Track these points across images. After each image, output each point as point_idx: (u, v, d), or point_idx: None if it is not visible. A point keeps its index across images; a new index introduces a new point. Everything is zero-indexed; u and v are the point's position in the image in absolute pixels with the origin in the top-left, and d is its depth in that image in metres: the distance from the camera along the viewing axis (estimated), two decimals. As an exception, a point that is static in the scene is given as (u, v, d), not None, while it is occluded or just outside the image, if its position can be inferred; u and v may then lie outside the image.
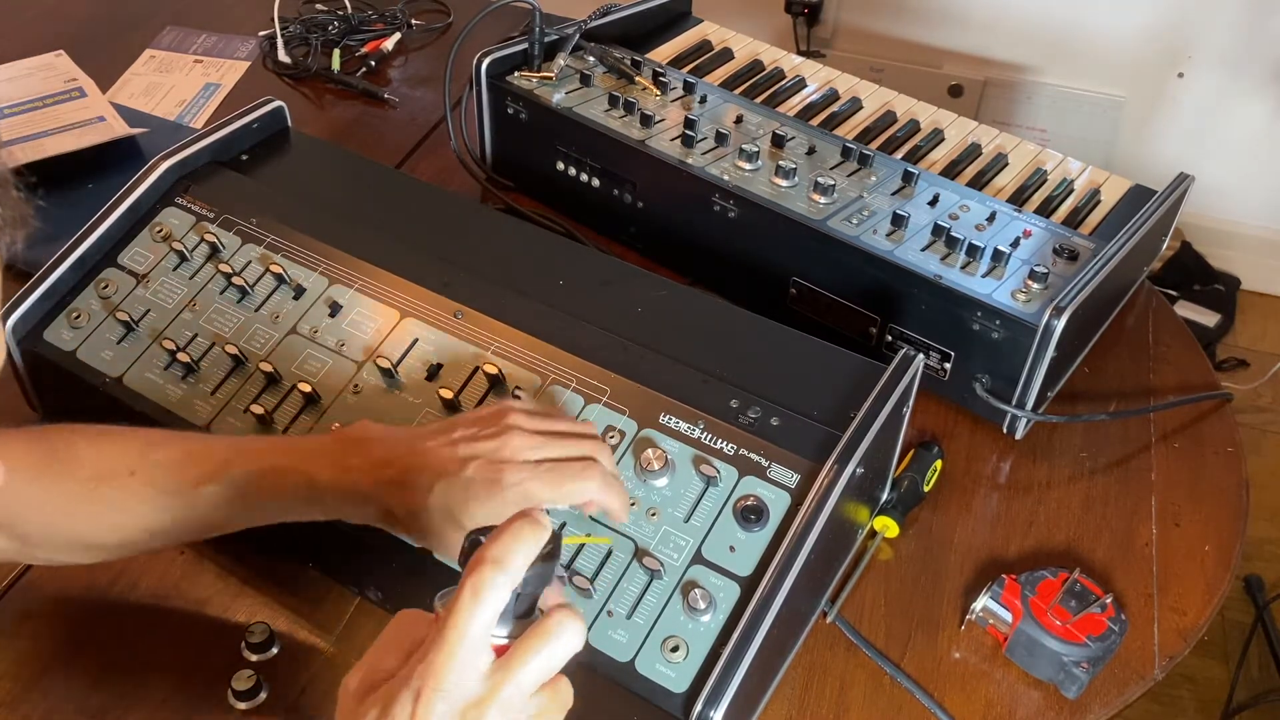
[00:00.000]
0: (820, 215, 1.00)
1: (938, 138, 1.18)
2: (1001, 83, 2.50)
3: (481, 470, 0.69)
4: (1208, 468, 0.98)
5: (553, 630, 0.53)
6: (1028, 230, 1.01)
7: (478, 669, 0.51)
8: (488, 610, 0.51)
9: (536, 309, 0.84)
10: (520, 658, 0.52)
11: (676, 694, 0.68)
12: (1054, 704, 0.80)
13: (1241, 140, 2.43)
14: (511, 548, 0.52)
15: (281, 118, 1.02)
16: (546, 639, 0.53)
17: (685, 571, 0.72)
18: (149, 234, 0.92)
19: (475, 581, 0.51)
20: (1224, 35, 2.33)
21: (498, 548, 0.52)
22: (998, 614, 0.82)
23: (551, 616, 0.53)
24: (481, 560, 0.52)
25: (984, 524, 0.92)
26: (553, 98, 1.13)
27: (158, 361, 0.86)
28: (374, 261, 0.88)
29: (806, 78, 1.25)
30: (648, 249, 1.14)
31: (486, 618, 0.51)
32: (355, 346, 0.84)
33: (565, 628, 0.53)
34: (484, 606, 0.51)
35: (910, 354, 0.80)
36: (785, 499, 0.74)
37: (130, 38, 1.50)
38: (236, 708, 0.76)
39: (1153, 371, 1.08)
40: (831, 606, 0.84)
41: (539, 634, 0.53)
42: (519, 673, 0.52)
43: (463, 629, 0.51)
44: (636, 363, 0.81)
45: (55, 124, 1.22)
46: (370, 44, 1.47)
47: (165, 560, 0.84)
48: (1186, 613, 0.86)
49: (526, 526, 0.53)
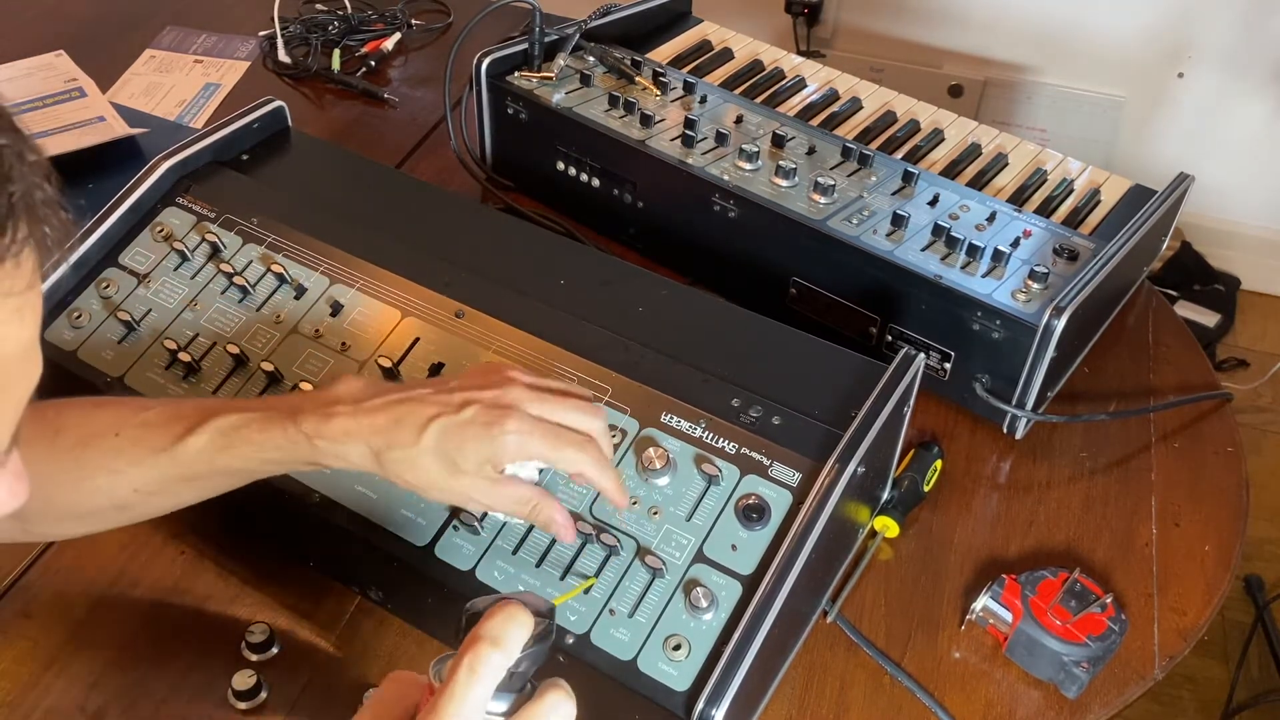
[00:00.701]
0: (820, 215, 1.00)
1: (938, 138, 1.18)
2: (1001, 83, 2.50)
3: (480, 413, 0.67)
4: (1208, 468, 0.99)
5: (546, 712, 0.54)
6: (1028, 230, 1.02)
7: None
8: (483, 688, 0.52)
9: (537, 308, 0.84)
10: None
11: (678, 692, 0.68)
12: (1054, 704, 0.80)
13: (1241, 140, 2.43)
14: (508, 627, 0.53)
15: (282, 118, 1.02)
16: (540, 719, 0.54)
17: (687, 570, 0.72)
18: (150, 234, 0.92)
19: (472, 659, 0.52)
20: (1224, 35, 2.33)
21: (494, 627, 0.53)
22: (998, 614, 0.82)
23: (545, 697, 0.54)
24: (479, 638, 0.52)
25: (984, 524, 0.92)
26: (553, 98, 1.13)
27: (159, 361, 0.86)
28: (375, 261, 0.88)
29: (806, 78, 1.25)
30: (648, 249, 1.14)
31: (482, 695, 0.52)
32: (357, 346, 0.84)
33: (558, 709, 0.54)
34: (480, 684, 0.52)
35: (911, 354, 0.80)
36: (787, 498, 0.74)
37: (130, 38, 1.50)
38: (236, 708, 0.76)
39: (1153, 371, 1.08)
40: (832, 606, 0.84)
41: (532, 714, 0.54)
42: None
43: (458, 706, 0.51)
44: (637, 362, 0.81)
45: (55, 124, 1.22)
46: (370, 44, 1.47)
47: (165, 560, 0.84)
48: (1186, 613, 0.86)
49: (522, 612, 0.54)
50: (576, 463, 0.69)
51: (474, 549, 0.75)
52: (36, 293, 0.46)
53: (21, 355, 0.46)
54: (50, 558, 0.84)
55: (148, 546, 0.85)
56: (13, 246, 0.42)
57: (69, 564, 0.84)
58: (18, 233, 0.42)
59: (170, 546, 0.85)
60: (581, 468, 0.69)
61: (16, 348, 0.45)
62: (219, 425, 0.71)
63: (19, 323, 0.45)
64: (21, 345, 0.46)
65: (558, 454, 0.68)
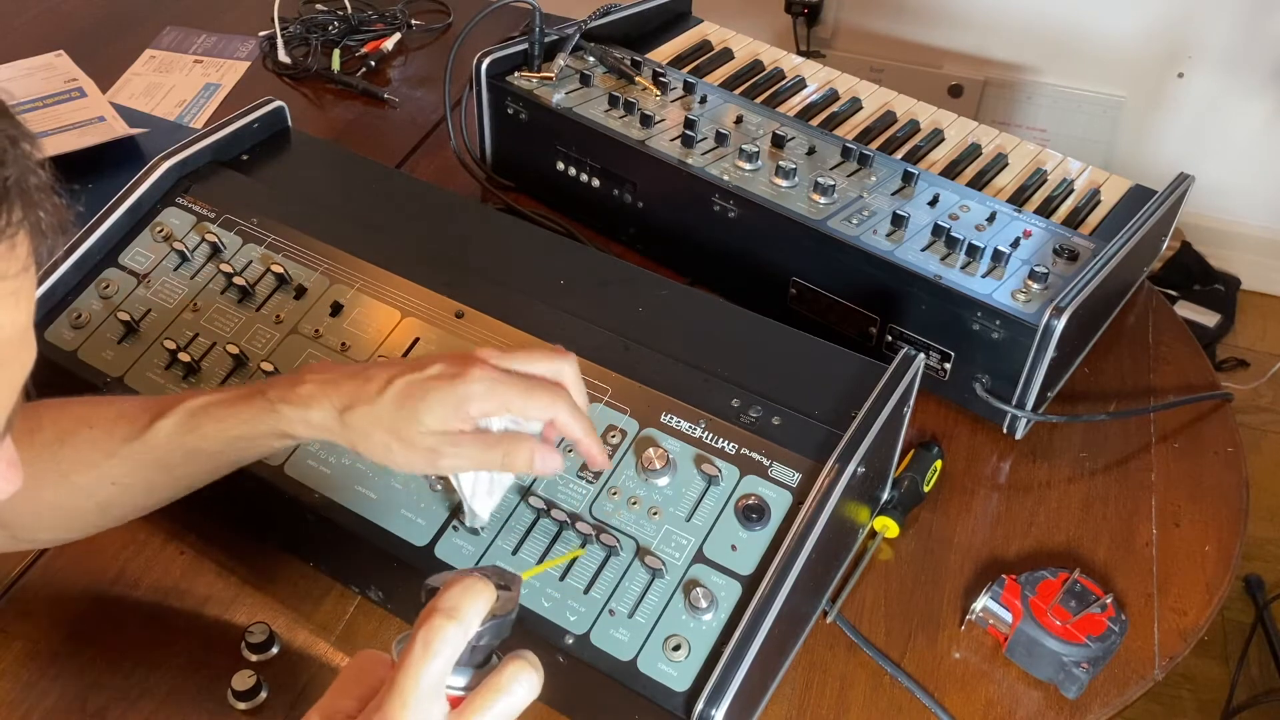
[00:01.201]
0: (820, 215, 1.00)
1: (938, 138, 1.18)
2: (1001, 83, 2.50)
3: (446, 368, 0.65)
4: (1208, 468, 0.99)
5: (507, 684, 0.53)
6: (1028, 230, 1.02)
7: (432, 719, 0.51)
8: (439, 661, 0.51)
9: (537, 309, 0.84)
10: (474, 711, 0.52)
11: (678, 693, 0.68)
12: (1054, 704, 0.80)
13: (1241, 140, 2.43)
14: (464, 599, 0.52)
15: (282, 118, 1.02)
16: (500, 692, 0.53)
17: (687, 570, 0.72)
18: (150, 234, 0.92)
19: (427, 632, 0.51)
20: (1224, 35, 2.33)
21: (449, 598, 0.52)
22: (998, 614, 0.82)
23: (506, 668, 0.53)
24: (434, 610, 0.52)
25: (984, 524, 0.92)
26: (553, 98, 1.13)
27: (159, 361, 0.86)
28: (375, 261, 0.88)
29: (806, 78, 1.25)
30: (648, 249, 1.14)
31: (439, 668, 0.51)
32: (357, 346, 0.84)
33: (520, 680, 0.53)
34: (436, 657, 0.51)
35: (911, 354, 0.80)
36: (787, 498, 0.74)
37: (130, 38, 1.50)
38: (236, 708, 0.76)
39: (1153, 371, 1.08)
40: (832, 606, 0.84)
41: (493, 687, 0.53)
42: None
43: (415, 679, 0.51)
44: (637, 362, 0.81)
45: (55, 124, 1.22)
46: (370, 44, 1.47)
47: (165, 560, 0.84)
48: (1186, 613, 0.86)
49: (479, 581, 0.53)
50: (549, 408, 0.66)
51: (474, 549, 0.75)
52: (31, 276, 0.46)
53: (17, 339, 0.47)
54: (50, 558, 0.84)
55: (148, 546, 0.85)
56: (7, 230, 0.42)
57: (69, 564, 0.84)
58: (12, 216, 0.42)
59: (170, 546, 0.85)
60: (555, 413, 0.66)
61: (13, 332, 0.46)
62: (187, 407, 0.71)
63: (14, 307, 0.45)
64: (17, 329, 0.46)
65: (528, 399, 0.65)
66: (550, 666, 0.71)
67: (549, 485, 0.76)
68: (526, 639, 0.71)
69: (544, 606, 0.71)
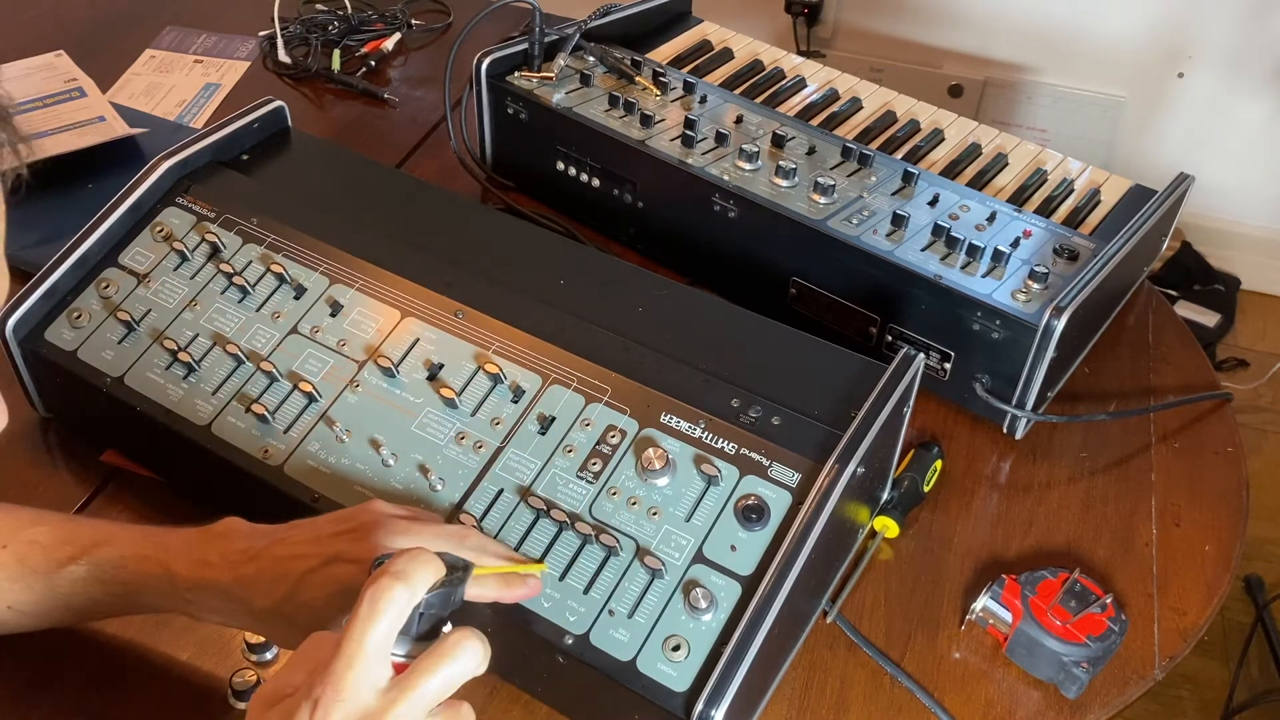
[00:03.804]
0: (820, 215, 1.00)
1: (938, 138, 1.18)
2: (1001, 83, 2.50)
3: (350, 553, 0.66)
4: (1208, 468, 0.98)
5: (451, 651, 0.53)
6: (1028, 230, 1.02)
7: (375, 683, 0.51)
8: (385, 621, 0.51)
9: (537, 309, 0.85)
10: (417, 676, 0.52)
11: (678, 693, 0.68)
12: (1054, 704, 0.80)
13: (1241, 140, 2.43)
14: (413, 564, 0.53)
15: (282, 117, 1.02)
16: (445, 659, 0.53)
17: (686, 571, 0.72)
18: (150, 234, 0.92)
19: (374, 593, 0.51)
20: (1224, 35, 2.33)
21: (399, 563, 0.53)
22: (998, 614, 0.82)
23: (451, 636, 0.53)
24: (382, 573, 0.52)
25: (984, 524, 0.92)
26: (553, 98, 1.13)
27: (159, 361, 0.86)
28: (375, 261, 0.88)
29: (806, 78, 1.25)
30: (648, 249, 1.14)
31: (384, 629, 0.51)
32: (356, 346, 0.84)
33: (465, 649, 0.53)
34: (382, 617, 0.51)
35: (911, 354, 0.80)
36: (786, 498, 0.74)
37: (130, 38, 1.50)
38: (236, 708, 0.76)
39: (1153, 371, 1.08)
40: (832, 606, 0.84)
41: (438, 654, 0.53)
42: (415, 691, 0.52)
43: (360, 639, 0.51)
44: (637, 362, 0.81)
45: (55, 124, 1.22)
46: (370, 44, 1.47)
47: (166, 560, 0.84)
48: (1186, 613, 0.86)
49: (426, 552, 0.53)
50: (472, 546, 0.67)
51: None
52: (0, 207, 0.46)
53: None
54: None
55: (148, 546, 0.85)
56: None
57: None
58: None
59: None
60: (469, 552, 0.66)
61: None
62: (96, 560, 0.71)
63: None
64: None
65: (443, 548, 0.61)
66: (550, 667, 0.71)
67: (549, 485, 0.76)
68: (527, 639, 0.71)
69: (543, 607, 0.71)
